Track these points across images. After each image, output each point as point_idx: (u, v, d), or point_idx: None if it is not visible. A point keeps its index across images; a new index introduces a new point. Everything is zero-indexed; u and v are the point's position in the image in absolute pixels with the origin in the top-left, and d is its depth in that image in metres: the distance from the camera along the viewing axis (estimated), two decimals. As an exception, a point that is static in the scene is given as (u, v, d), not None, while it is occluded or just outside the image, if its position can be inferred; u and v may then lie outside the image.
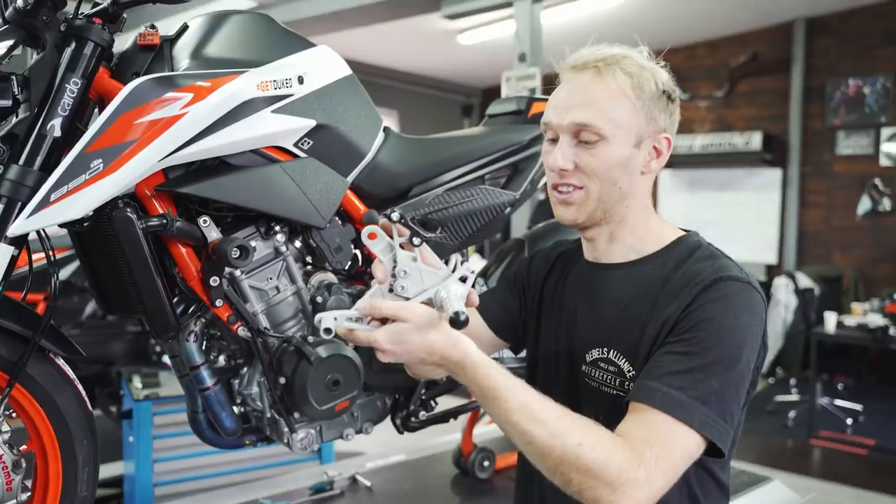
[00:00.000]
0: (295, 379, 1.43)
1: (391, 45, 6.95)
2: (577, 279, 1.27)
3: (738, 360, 1.01)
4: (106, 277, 1.44)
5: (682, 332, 1.03)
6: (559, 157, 1.13)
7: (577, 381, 1.20)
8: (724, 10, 6.34)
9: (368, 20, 5.22)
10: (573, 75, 1.15)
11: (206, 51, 1.35)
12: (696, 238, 1.19)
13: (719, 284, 1.04)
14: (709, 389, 0.99)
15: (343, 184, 1.51)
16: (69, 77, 1.20)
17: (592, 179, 1.13)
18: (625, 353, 1.12)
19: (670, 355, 1.02)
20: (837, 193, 6.64)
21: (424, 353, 0.99)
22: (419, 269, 1.03)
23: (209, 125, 1.25)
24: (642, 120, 1.11)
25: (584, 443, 0.94)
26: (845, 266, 6.51)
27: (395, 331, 0.99)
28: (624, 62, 1.12)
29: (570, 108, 1.12)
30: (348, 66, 1.55)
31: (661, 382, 0.99)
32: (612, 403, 1.12)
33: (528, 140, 1.81)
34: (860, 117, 6.46)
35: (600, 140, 1.10)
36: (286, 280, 1.50)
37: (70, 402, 1.30)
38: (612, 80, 1.10)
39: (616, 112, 1.10)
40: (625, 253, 1.19)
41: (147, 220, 1.27)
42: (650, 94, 1.11)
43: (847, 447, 4.71)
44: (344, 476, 2.10)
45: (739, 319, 1.03)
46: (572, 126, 1.12)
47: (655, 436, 0.96)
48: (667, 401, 0.98)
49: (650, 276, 1.14)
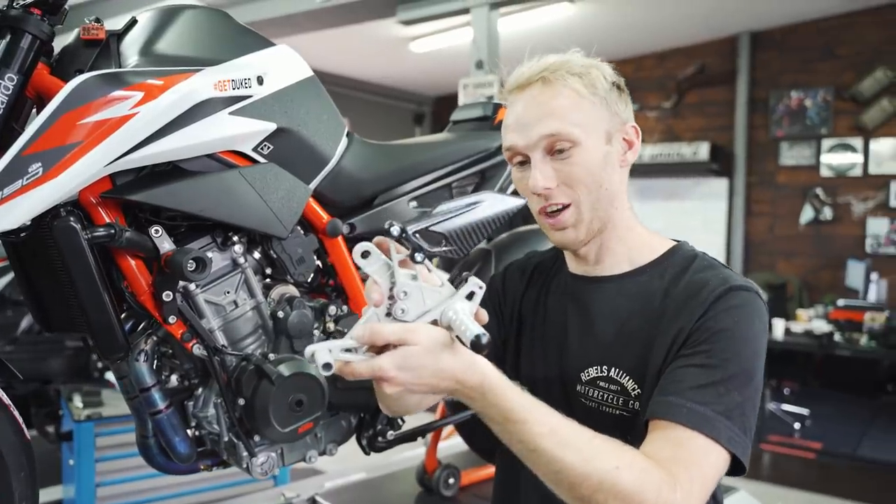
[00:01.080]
0: (255, 400, 1.34)
1: (342, 51, 6.86)
2: (562, 294, 1.20)
3: (757, 370, 0.99)
4: (45, 292, 1.32)
5: (698, 343, 0.99)
6: (539, 178, 1.06)
7: (572, 401, 1.13)
8: (671, 22, 6.46)
9: (322, 25, 5.12)
10: (520, 94, 1.10)
11: (157, 47, 1.26)
12: (689, 248, 1.15)
13: (730, 294, 1.01)
14: (732, 403, 0.95)
15: (305, 191, 1.43)
16: (4, 72, 1.10)
17: (579, 190, 1.07)
18: (628, 372, 1.07)
19: (690, 368, 0.98)
20: (781, 203, 6.80)
21: (437, 379, 0.86)
22: (420, 287, 0.90)
23: (161, 127, 1.16)
24: (605, 115, 1.08)
25: (620, 466, 0.87)
26: (789, 273, 6.67)
27: (403, 355, 0.84)
28: (567, 66, 1.09)
29: (532, 123, 1.07)
30: (310, 68, 1.48)
31: (684, 398, 0.94)
32: (614, 423, 1.05)
33: (495, 147, 1.76)
34: (802, 129, 6.64)
35: (573, 146, 1.06)
36: (245, 294, 1.40)
37: (4, 432, 1.18)
38: (563, 85, 1.07)
39: (578, 114, 1.06)
40: (616, 264, 1.14)
41: (92, 229, 1.17)
42: (603, 88, 1.08)
43: (795, 451, 4.79)
44: (302, 498, 2.01)
45: (753, 328, 1.00)
46: (541, 140, 1.06)
47: (685, 454, 0.91)
48: (693, 417, 0.93)
49: (648, 290, 1.10)
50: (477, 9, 4.15)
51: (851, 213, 6.41)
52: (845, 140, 6.43)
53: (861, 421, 5.37)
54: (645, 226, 1.18)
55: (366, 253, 0.88)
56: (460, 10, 4.27)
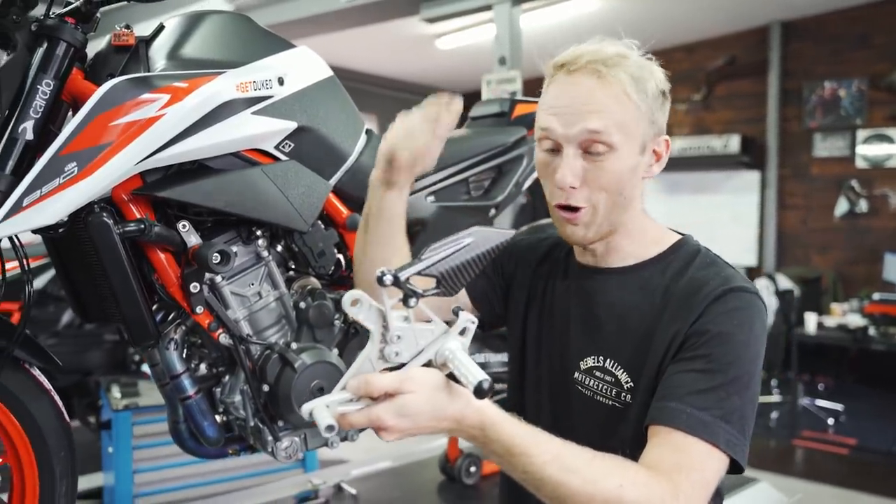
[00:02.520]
0: (279, 386, 1.40)
1: (370, 50, 6.94)
2: (569, 281, 1.21)
3: (754, 373, 1.00)
4: (82, 285, 1.40)
5: (697, 346, 1.00)
6: (567, 174, 1.03)
7: (569, 388, 1.15)
8: (700, 14, 6.40)
9: (347, 24, 5.20)
10: (570, 78, 1.05)
11: (183, 51, 1.32)
12: (693, 243, 1.15)
13: (729, 296, 1.02)
14: (731, 407, 0.96)
15: (325, 187, 1.49)
16: (41, 78, 1.17)
17: (600, 195, 1.05)
18: (623, 365, 1.08)
19: (689, 374, 0.99)
20: (815, 195, 6.71)
21: (435, 422, 0.85)
22: (413, 329, 0.87)
23: (187, 127, 1.22)
24: (645, 124, 1.05)
25: (623, 483, 0.89)
26: (824, 267, 6.58)
27: (400, 404, 0.82)
28: (625, 63, 1.04)
29: (576, 114, 1.02)
30: (329, 68, 1.53)
31: (684, 403, 0.96)
32: (606, 413, 1.08)
33: (512, 142, 1.80)
34: (836, 120, 6.54)
35: (609, 151, 1.03)
36: (268, 285, 1.47)
37: (46, 414, 1.26)
38: (617, 84, 1.02)
39: (623, 118, 1.03)
40: (622, 258, 1.14)
41: (124, 225, 1.24)
42: (652, 95, 1.05)
43: (829, 447, 4.74)
44: (329, 484, 2.07)
45: (753, 332, 1.00)
46: (583, 135, 1.03)
47: (687, 461, 0.93)
48: (693, 423, 0.94)
49: (649, 284, 1.10)
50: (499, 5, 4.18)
51: (888, 204, 6.30)
52: (881, 130, 6.32)
53: (897, 417, 5.29)
54: (653, 219, 1.18)
55: (356, 301, 0.84)
56: (482, 7, 4.30)
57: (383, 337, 0.86)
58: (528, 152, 1.83)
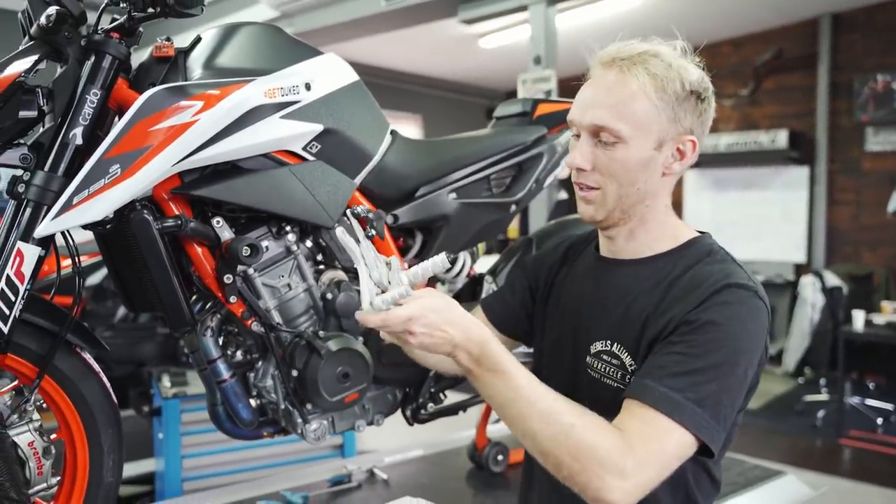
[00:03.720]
0: (306, 372, 1.50)
1: (415, 50, 7.03)
2: (586, 272, 1.28)
3: (737, 364, 1.03)
4: (128, 277, 1.52)
5: (685, 333, 1.04)
6: (577, 156, 1.14)
7: (580, 371, 1.22)
8: (747, 7, 6.30)
9: (387, 27, 5.30)
10: (600, 72, 1.14)
11: (217, 61, 1.43)
12: (709, 241, 1.19)
13: (726, 290, 1.05)
14: (707, 392, 1.00)
15: (350, 185, 1.58)
16: (89, 88, 1.29)
17: (609, 180, 1.13)
18: (627, 348, 1.14)
19: (672, 355, 1.03)
20: (867, 191, 6.54)
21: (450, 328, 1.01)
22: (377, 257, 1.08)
23: (220, 131, 1.32)
24: (664, 121, 1.10)
25: (575, 424, 0.97)
26: (875, 264, 6.41)
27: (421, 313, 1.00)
28: (650, 62, 1.10)
29: (591, 107, 1.12)
30: (355, 73, 1.62)
31: (661, 383, 1.01)
32: (613, 395, 1.13)
33: (531, 140, 1.86)
34: (889, 113, 6.35)
35: (618, 142, 1.10)
36: (297, 277, 1.57)
37: (95, 393, 1.39)
38: (634, 81, 1.09)
39: (636, 114, 1.09)
40: (638, 250, 1.20)
41: (163, 221, 1.35)
42: (675, 95, 1.09)
43: (877, 447, 4.63)
44: (362, 469, 2.15)
45: (744, 326, 1.04)
46: (591, 126, 1.12)
47: (650, 431, 0.98)
48: (664, 401, 0.99)
49: (658, 274, 1.15)
50: (534, 5, 4.22)
51: (944, 200, 6.10)
52: (937, 124, 6.13)
53: (950, 417, 5.14)
54: (677, 218, 1.22)
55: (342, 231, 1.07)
56: (518, 8, 4.35)
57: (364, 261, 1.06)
58: (548, 150, 1.89)
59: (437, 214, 1.75)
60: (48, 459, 1.32)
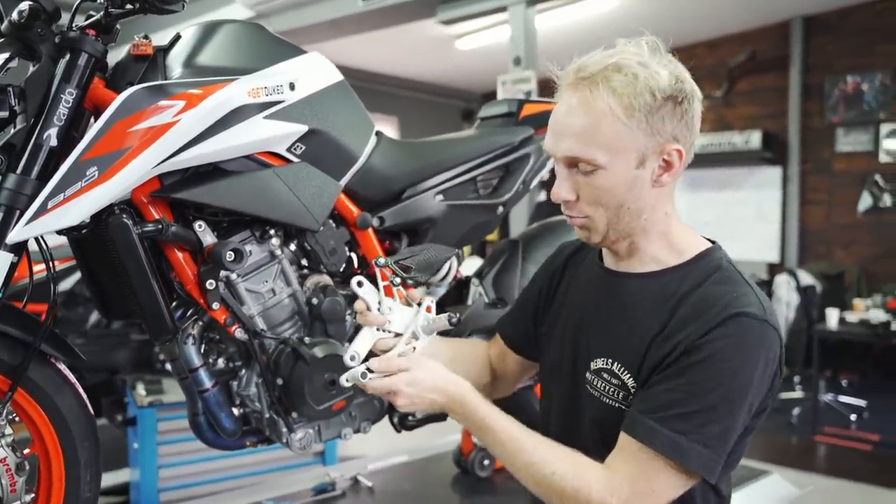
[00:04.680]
0: (292, 379, 1.46)
1: (391, 52, 7.00)
2: (589, 283, 1.23)
3: (744, 400, 1.00)
4: (105, 283, 1.47)
5: (690, 365, 1.00)
6: (561, 190, 1.10)
7: (579, 387, 1.18)
8: (721, 9, 6.36)
9: (365, 27, 5.26)
10: (566, 95, 1.08)
11: (198, 60, 1.38)
12: (718, 255, 1.13)
13: (734, 321, 1.01)
14: (711, 433, 0.99)
15: (336, 187, 1.54)
16: (64, 87, 1.23)
17: (596, 208, 1.08)
18: (629, 368, 1.09)
19: (675, 392, 1.01)
20: (838, 191, 6.63)
21: (434, 392, 1.12)
22: (400, 308, 1.22)
23: (202, 132, 1.28)
24: (640, 137, 1.03)
25: (556, 472, 1.04)
26: (847, 263, 6.50)
27: (412, 376, 1.11)
28: (614, 78, 1.02)
29: (561, 135, 1.07)
30: (339, 73, 1.58)
31: (664, 425, 0.99)
32: (612, 415, 1.11)
33: (518, 141, 1.84)
34: (859, 114, 6.46)
35: (597, 169, 1.05)
36: (282, 282, 1.53)
37: (71, 406, 1.33)
38: (600, 102, 1.02)
39: (607, 138, 1.03)
40: (644, 263, 1.14)
41: (142, 225, 1.30)
42: (646, 107, 1.02)
43: (852, 443, 4.70)
44: (346, 477, 2.12)
45: (749, 360, 1.00)
46: (565, 158, 1.07)
47: (643, 472, 1.01)
48: (670, 446, 0.99)
49: (664, 291, 1.10)
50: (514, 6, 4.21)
51: (913, 199, 6.22)
52: (905, 124, 6.24)
53: (922, 413, 5.23)
54: (685, 227, 1.17)
55: (360, 283, 1.20)
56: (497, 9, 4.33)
57: (379, 310, 1.20)
58: (535, 151, 1.87)
59: (424, 217, 1.72)
60: (21, 476, 1.26)
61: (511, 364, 1.41)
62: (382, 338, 1.21)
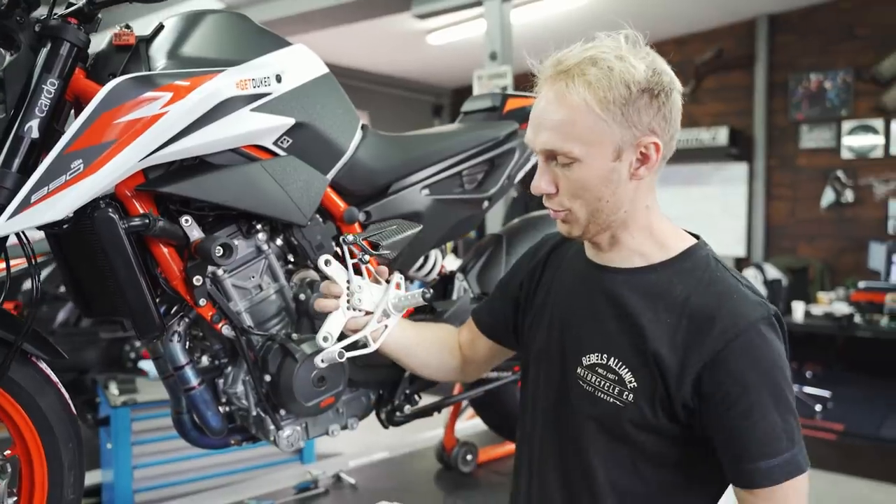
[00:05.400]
0: (280, 376, 1.44)
1: (361, 46, 6.94)
2: (574, 277, 1.23)
3: (789, 389, 1.04)
4: (85, 280, 1.43)
5: (737, 398, 1.02)
6: (541, 183, 1.11)
7: (570, 383, 1.17)
8: (689, 7, 6.45)
9: (338, 21, 5.21)
10: (544, 88, 1.10)
11: (182, 50, 1.35)
12: (703, 252, 1.14)
13: (743, 339, 1.03)
14: (791, 430, 1.03)
15: (323, 181, 1.52)
16: (46, 78, 1.19)
17: (575, 200, 1.10)
18: (629, 366, 1.10)
19: (748, 426, 1.02)
20: (802, 186, 6.77)
21: None
22: (368, 285, 1.24)
23: (189, 124, 1.25)
24: (616, 130, 1.04)
25: None
26: (811, 257, 6.65)
27: None
28: (589, 71, 1.03)
29: (539, 129, 1.09)
30: (325, 65, 1.56)
31: (768, 458, 1.01)
32: (607, 410, 1.11)
33: (503, 136, 1.84)
34: (822, 111, 6.60)
35: (573, 162, 1.06)
36: (269, 278, 1.50)
37: (54, 406, 1.29)
38: (575, 95, 1.03)
39: (583, 131, 1.04)
40: (627, 257, 1.15)
41: (129, 220, 1.27)
42: (621, 100, 1.02)
43: (817, 433, 4.79)
44: (328, 475, 2.10)
45: (777, 362, 1.04)
46: (543, 151, 1.09)
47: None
48: (785, 470, 1.01)
49: (655, 288, 1.11)
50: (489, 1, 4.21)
51: (873, 194, 6.37)
52: (866, 122, 6.38)
53: (883, 402, 5.35)
54: (667, 221, 1.17)
55: (327, 261, 1.21)
56: (474, 3, 4.33)
57: (348, 288, 1.22)
58: (520, 146, 1.87)
59: (410, 211, 1.71)
60: (3, 479, 1.22)
61: (482, 350, 1.41)
62: (354, 317, 1.24)
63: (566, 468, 1.18)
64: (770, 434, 1.01)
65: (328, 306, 1.22)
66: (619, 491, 1.12)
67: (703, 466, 1.11)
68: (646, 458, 1.11)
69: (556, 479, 1.19)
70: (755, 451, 1.02)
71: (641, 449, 1.10)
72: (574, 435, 1.16)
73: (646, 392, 1.08)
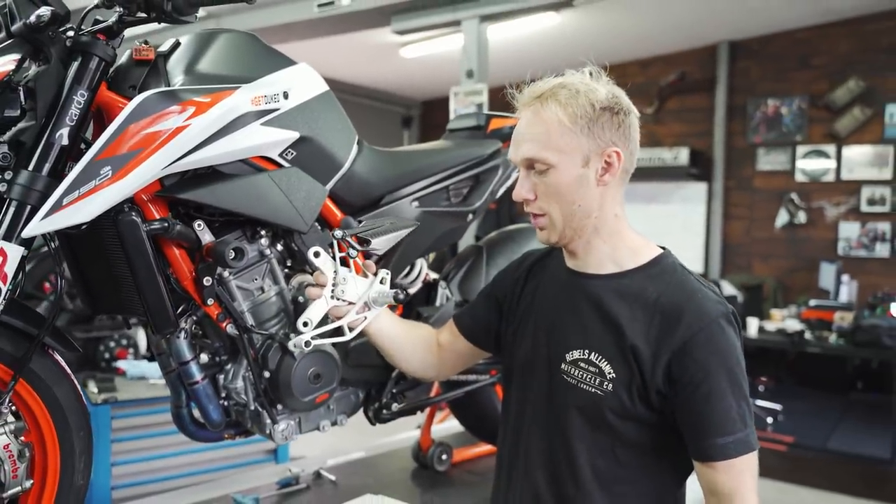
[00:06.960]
0: (279, 373, 1.54)
1: (335, 56, 7.02)
2: (556, 284, 1.39)
3: (745, 378, 1.21)
4: (95, 278, 1.51)
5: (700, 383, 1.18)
6: (521, 189, 1.31)
7: (555, 378, 1.33)
8: (654, 31, 6.68)
9: (319, 33, 5.29)
10: (524, 111, 1.31)
11: (199, 67, 1.44)
12: (671, 260, 1.32)
13: (706, 331, 1.19)
14: (743, 412, 1.19)
15: (323, 191, 1.63)
16: (76, 89, 1.28)
17: (550, 204, 1.28)
18: (608, 359, 1.25)
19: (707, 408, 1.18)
20: (758, 206, 7.05)
21: None
22: (354, 277, 1.34)
23: (208, 136, 1.35)
24: (584, 141, 1.24)
25: None
26: (765, 275, 6.91)
27: None
28: (560, 93, 1.25)
29: (520, 143, 1.30)
30: (325, 83, 1.67)
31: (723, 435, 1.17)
32: (589, 398, 1.27)
33: (488, 154, 1.96)
34: (778, 135, 6.89)
35: (549, 168, 1.26)
36: (270, 281, 1.60)
37: (68, 396, 1.37)
38: (550, 113, 1.25)
39: (557, 141, 1.24)
40: (602, 263, 1.32)
41: (150, 223, 1.36)
42: (587, 116, 1.23)
43: (768, 444, 4.95)
44: (307, 472, 2.18)
45: (733, 353, 1.20)
46: (524, 160, 1.29)
47: (739, 480, 1.18)
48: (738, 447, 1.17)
49: (630, 290, 1.27)
50: (467, 21, 4.35)
51: (824, 216, 6.66)
52: (819, 147, 6.68)
53: (831, 416, 5.58)
54: (637, 233, 1.35)
55: (317, 253, 1.32)
56: (452, 22, 4.47)
57: (334, 279, 1.32)
58: (503, 163, 2.00)
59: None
60: (23, 462, 1.30)
61: (459, 350, 1.57)
62: (336, 305, 1.35)
63: (553, 459, 1.32)
64: (726, 415, 1.17)
65: (313, 294, 1.35)
66: (600, 475, 1.27)
67: (674, 452, 1.26)
68: (623, 444, 1.26)
69: (542, 470, 1.33)
70: (713, 430, 1.17)
71: (620, 436, 1.25)
72: (560, 426, 1.30)
73: (624, 381, 1.23)
